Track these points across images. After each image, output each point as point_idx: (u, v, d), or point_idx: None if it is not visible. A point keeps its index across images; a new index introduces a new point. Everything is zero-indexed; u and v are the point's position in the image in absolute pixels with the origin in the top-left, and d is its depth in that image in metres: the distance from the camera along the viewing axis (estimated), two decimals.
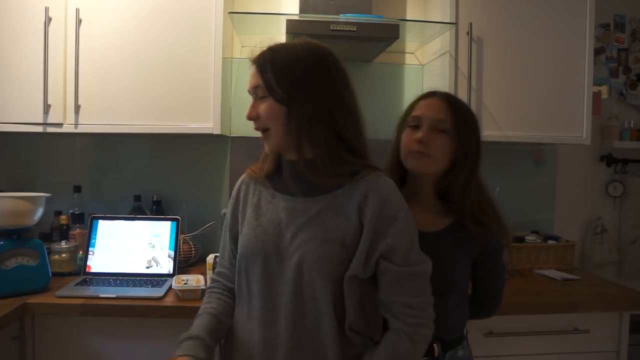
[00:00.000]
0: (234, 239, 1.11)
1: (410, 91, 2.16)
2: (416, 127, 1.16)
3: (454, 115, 1.14)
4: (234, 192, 1.14)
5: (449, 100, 1.17)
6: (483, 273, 1.21)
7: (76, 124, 1.75)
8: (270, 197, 1.06)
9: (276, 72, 0.98)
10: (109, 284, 1.60)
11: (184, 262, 1.86)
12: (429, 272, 1.01)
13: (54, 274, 1.62)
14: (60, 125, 1.75)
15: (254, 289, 1.03)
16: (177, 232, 1.78)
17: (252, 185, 1.11)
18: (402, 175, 1.21)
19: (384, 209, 0.97)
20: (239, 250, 1.07)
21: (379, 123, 2.06)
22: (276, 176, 1.09)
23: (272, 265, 1.01)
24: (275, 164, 1.09)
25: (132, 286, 1.58)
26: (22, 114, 1.73)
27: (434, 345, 1.14)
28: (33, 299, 1.46)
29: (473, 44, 1.83)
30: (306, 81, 0.98)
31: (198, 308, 1.42)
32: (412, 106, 1.21)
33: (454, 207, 1.16)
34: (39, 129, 1.74)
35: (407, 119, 1.19)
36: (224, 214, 1.46)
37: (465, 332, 1.24)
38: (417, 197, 1.18)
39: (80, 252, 1.76)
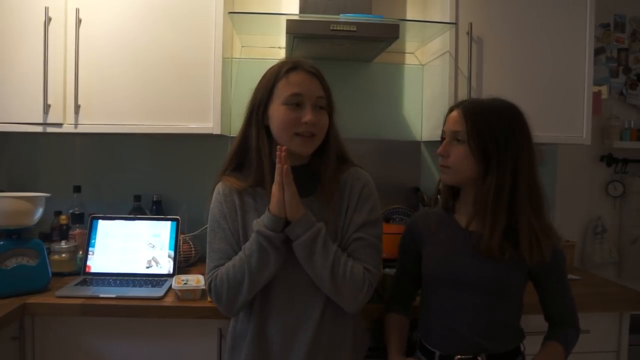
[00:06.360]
0: (235, 237, 1.20)
1: (410, 91, 2.15)
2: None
3: (467, 123, 1.16)
4: (220, 198, 1.22)
5: (466, 109, 1.19)
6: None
7: (76, 124, 1.75)
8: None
9: (327, 87, 1.19)
10: (109, 284, 1.60)
11: (183, 262, 1.86)
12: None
13: (54, 274, 1.62)
14: (60, 125, 1.75)
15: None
16: (177, 232, 1.78)
17: (237, 194, 1.20)
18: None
19: (364, 190, 1.20)
20: None
21: (379, 123, 2.10)
22: (257, 187, 1.19)
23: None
24: (261, 176, 1.17)
25: (132, 286, 1.58)
26: (22, 114, 1.73)
27: (478, 358, 1.17)
28: (33, 299, 1.46)
29: (473, 44, 1.83)
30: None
31: (198, 308, 1.45)
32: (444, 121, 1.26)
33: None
34: (39, 129, 1.74)
35: None
36: None
37: (522, 348, 1.25)
38: (467, 205, 1.23)
39: (80, 252, 1.76)
